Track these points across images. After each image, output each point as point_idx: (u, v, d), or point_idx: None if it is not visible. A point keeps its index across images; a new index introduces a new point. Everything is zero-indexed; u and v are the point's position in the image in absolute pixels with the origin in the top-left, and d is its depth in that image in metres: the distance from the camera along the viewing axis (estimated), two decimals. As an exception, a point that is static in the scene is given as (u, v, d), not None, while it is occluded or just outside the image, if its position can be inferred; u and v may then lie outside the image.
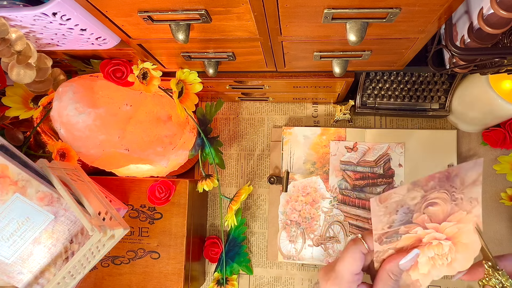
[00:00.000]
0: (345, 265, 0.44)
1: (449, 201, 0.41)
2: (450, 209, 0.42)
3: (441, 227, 0.42)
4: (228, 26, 0.47)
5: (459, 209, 0.42)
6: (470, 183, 0.41)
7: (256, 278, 0.83)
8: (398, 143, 0.78)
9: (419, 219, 0.42)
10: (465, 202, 0.42)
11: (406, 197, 0.40)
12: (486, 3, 0.43)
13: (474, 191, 0.42)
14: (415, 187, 0.40)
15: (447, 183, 0.40)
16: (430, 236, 0.42)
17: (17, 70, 0.52)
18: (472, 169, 0.40)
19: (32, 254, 0.53)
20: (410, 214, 0.41)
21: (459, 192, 0.41)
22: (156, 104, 0.64)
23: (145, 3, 0.42)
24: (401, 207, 0.41)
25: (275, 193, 0.82)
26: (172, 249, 0.73)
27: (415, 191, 0.40)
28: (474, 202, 0.42)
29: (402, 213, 0.41)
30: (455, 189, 0.41)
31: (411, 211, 0.41)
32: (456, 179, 0.40)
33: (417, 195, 0.40)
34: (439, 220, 0.42)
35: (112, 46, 0.56)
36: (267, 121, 0.86)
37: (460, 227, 0.42)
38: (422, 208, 0.41)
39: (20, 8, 0.45)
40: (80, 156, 0.62)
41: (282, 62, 0.60)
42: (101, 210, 0.56)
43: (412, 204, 0.41)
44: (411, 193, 0.40)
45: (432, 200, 0.41)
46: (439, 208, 0.41)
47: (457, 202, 0.42)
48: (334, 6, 0.40)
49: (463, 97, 0.71)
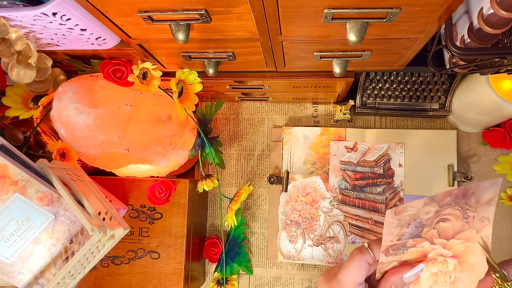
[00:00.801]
0: (349, 274, 0.42)
1: (460, 218, 0.41)
2: (460, 226, 0.41)
3: (448, 244, 0.42)
4: (228, 26, 0.47)
5: (469, 227, 0.41)
6: (485, 202, 0.40)
7: (256, 278, 0.83)
8: (398, 143, 0.78)
9: (428, 233, 0.41)
10: (477, 221, 0.41)
11: (421, 211, 0.40)
12: (486, 3, 0.43)
13: (488, 211, 0.41)
14: (432, 202, 0.39)
15: (463, 200, 0.40)
16: (436, 252, 0.42)
17: (17, 70, 0.52)
18: (490, 188, 0.39)
19: (32, 254, 0.53)
20: (421, 228, 0.41)
21: (472, 210, 0.41)
22: (156, 104, 0.64)
23: (145, 3, 0.42)
24: (414, 221, 0.40)
25: (275, 193, 0.82)
26: (172, 249, 0.73)
27: (430, 205, 0.39)
28: (485, 222, 0.41)
29: (413, 226, 0.41)
30: (469, 207, 0.40)
31: (422, 226, 0.41)
32: (472, 197, 0.40)
33: (432, 209, 0.40)
34: (447, 236, 0.41)
35: (112, 46, 0.56)
36: (267, 121, 0.86)
37: (467, 245, 0.42)
38: (433, 224, 0.41)
39: (20, 8, 0.45)
40: (80, 156, 0.62)
41: (282, 62, 0.60)
42: (101, 210, 0.56)
43: (425, 219, 0.40)
44: (426, 207, 0.39)
45: (444, 216, 0.41)
46: (450, 224, 0.41)
47: (469, 220, 0.41)
48: (334, 6, 0.40)
49: (463, 97, 0.71)
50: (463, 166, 0.79)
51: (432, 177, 0.76)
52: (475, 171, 0.78)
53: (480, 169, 0.78)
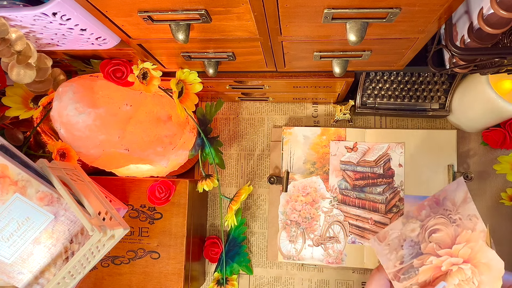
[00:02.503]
0: None
1: (449, 224, 0.42)
2: (454, 231, 0.42)
3: (453, 251, 0.42)
4: (228, 26, 0.47)
5: (462, 229, 0.42)
6: (461, 202, 0.42)
7: (256, 278, 0.83)
8: (398, 143, 0.78)
9: (428, 248, 0.42)
10: (465, 221, 0.42)
11: (405, 231, 0.41)
12: (486, 3, 0.43)
13: (469, 208, 0.42)
14: (409, 219, 0.41)
15: (439, 208, 0.42)
16: (447, 263, 0.42)
17: (17, 70, 0.52)
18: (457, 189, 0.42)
19: (32, 254, 0.53)
20: (417, 246, 0.42)
21: (455, 213, 0.42)
22: (156, 104, 0.64)
23: (145, 3, 0.42)
24: (404, 241, 0.41)
25: (275, 193, 0.82)
26: (172, 249, 0.73)
27: (411, 223, 0.41)
28: (474, 219, 0.43)
29: (408, 246, 0.42)
30: (450, 211, 0.42)
31: (417, 243, 0.42)
32: (446, 201, 0.42)
33: (415, 226, 0.42)
34: (447, 245, 0.42)
35: (112, 46, 0.56)
36: (267, 121, 0.86)
37: (471, 246, 0.42)
38: (426, 237, 0.42)
39: (20, 8, 0.45)
40: (80, 156, 0.62)
41: (282, 62, 0.60)
42: (101, 210, 0.56)
43: (414, 236, 0.42)
44: (408, 225, 0.41)
45: (433, 227, 0.42)
46: (443, 233, 0.42)
47: (458, 223, 0.42)
48: (334, 6, 0.40)
49: (463, 97, 0.71)
50: (463, 166, 0.79)
51: (432, 177, 0.77)
52: (475, 171, 0.78)
53: (480, 169, 0.78)
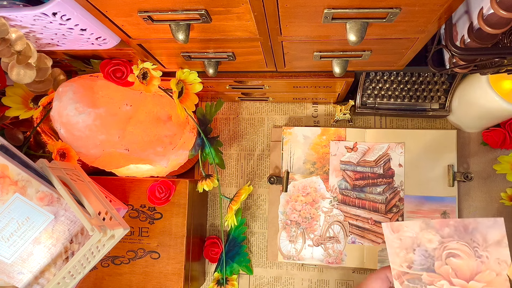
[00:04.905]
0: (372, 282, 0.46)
1: (473, 256, 0.40)
2: (476, 266, 0.40)
3: (469, 286, 0.41)
4: (228, 26, 0.47)
5: (486, 268, 0.40)
6: (493, 242, 0.40)
7: (256, 278, 0.83)
8: (398, 143, 0.78)
9: (442, 269, 0.40)
10: (492, 262, 0.40)
11: (422, 237, 0.39)
12: (486, 3, 0.43)
13: (502, 253, 0.40)
14: (428, 228, 0.39)
15: (466, 235, 0.39)
16: None
17: (17, 70, 0.52)
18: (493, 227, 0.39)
19: (32, 254, 0.53)
20: (431, 260, 0.40)
21: (483, 250, 0.40)
22: (156, 104, 0.64)
23: (145, 3, 0.42)
24: (418, 247, 0.40)
25: (275, 193, 0.82)
26: (172, 249, 0.73)
27: (429, 233, 0.39)
28: (503, 264, 0.40)
29: (420, 255, 0.40)
30: (478, 245, 0.40)
31: (431, 257, 0.40)
32: (476, 233, 0.39)
33: (433, 238, 0.39)
34: (465, 276, 0.41)
35: (112, 46, 0.56)
36: (267, 121, 0.86)
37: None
38: (443, 257, 0.40)
39: (20, 8, 0.45)
40: (80, 156, 0.62)
41: (282, 62, 0.60)
42: (101, 210, 0.56)
43: (430, 248, 0.40)
44: (426, 234, 0.39)
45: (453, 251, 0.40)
46: (463, 262, 0.40)
47: (483, 260, 0.40)
48: (334, 6, 0.40)
49: (463, 97, 0.71)
50: (463, 166, 0.79)
51: (432, 177, 0.77)
52: (475, 171, 0.78)
53: (480, 169, 0.78)
